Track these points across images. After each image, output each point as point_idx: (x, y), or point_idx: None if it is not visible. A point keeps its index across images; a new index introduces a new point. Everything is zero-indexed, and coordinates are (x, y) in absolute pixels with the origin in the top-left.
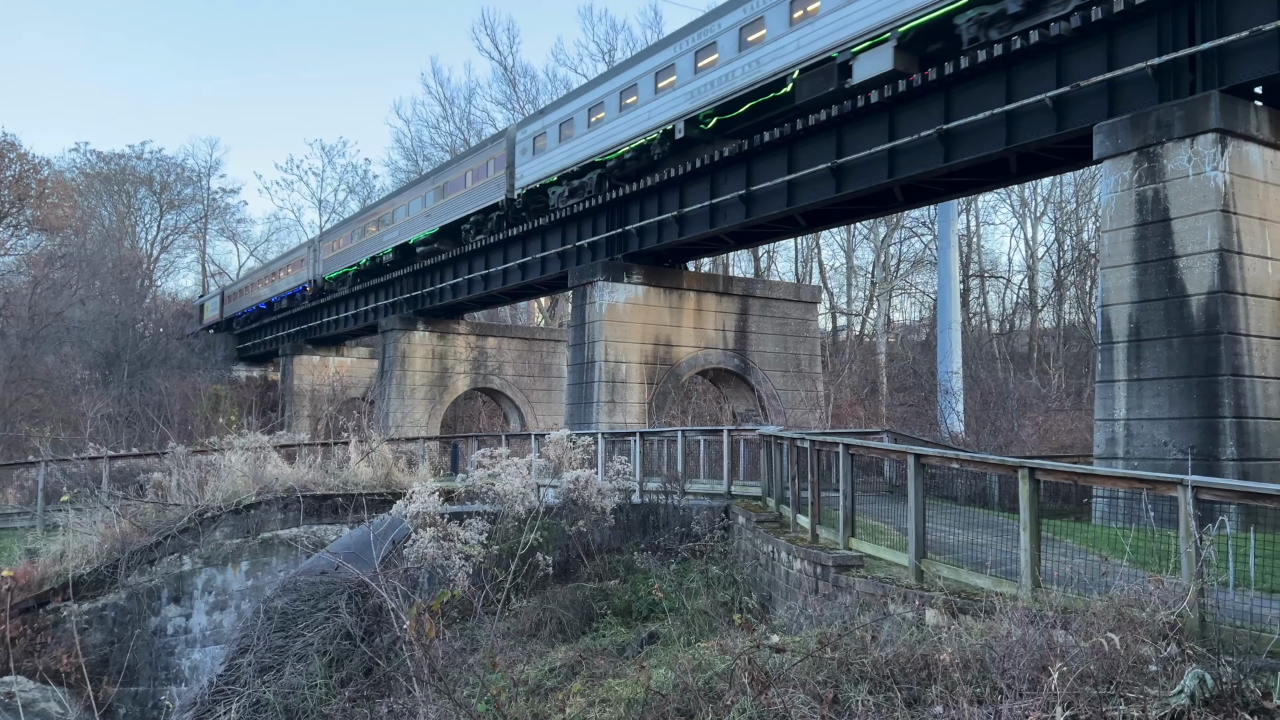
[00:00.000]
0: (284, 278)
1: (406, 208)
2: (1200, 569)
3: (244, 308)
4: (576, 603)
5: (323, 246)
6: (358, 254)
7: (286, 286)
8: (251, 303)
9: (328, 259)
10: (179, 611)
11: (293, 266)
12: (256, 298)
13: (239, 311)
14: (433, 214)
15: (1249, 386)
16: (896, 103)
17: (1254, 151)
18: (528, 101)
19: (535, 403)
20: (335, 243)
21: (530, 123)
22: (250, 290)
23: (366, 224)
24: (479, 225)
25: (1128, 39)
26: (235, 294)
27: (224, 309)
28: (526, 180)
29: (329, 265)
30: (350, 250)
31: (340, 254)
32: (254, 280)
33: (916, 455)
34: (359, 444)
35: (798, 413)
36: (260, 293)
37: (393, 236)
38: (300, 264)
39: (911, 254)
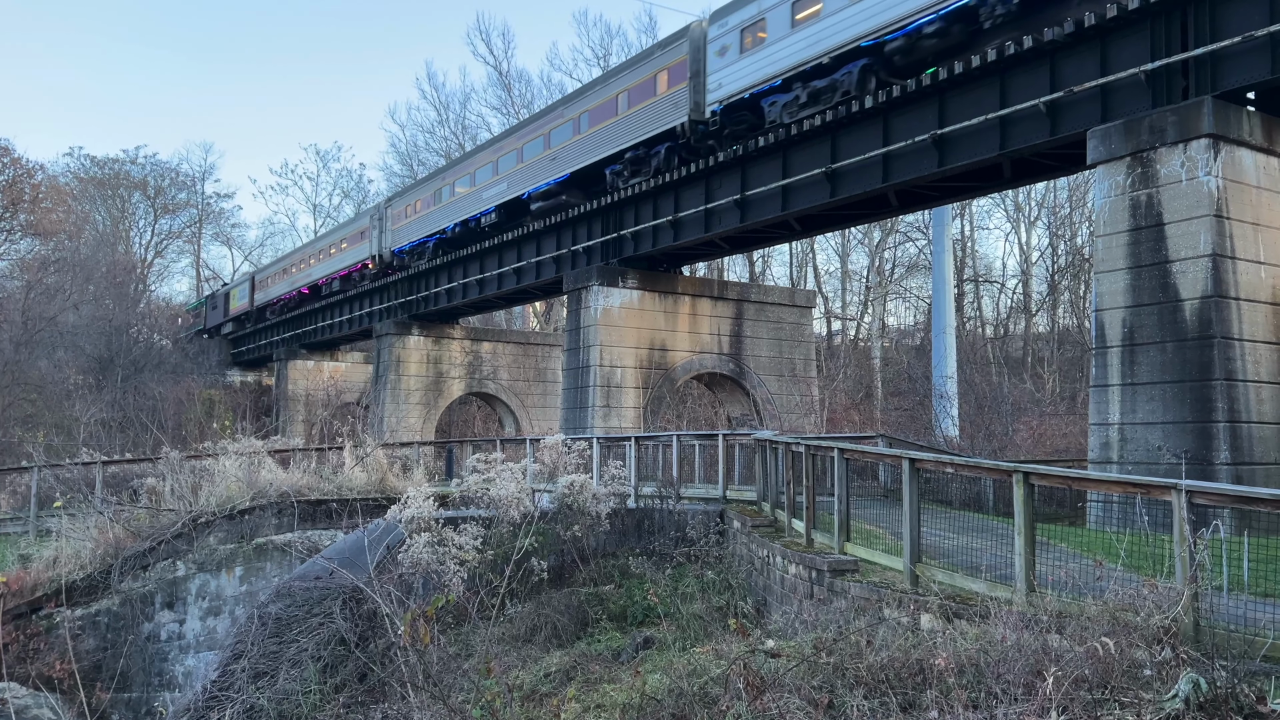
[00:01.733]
0: (336, 255)
1: (519, 153)
2: (1194, 573)
3: (281, 293)
4: (571, 608)
5: (390, 213)
6: (441, 219)
7: (341, 265)
8: (291, 287)
9: (398, 228)
10: (173, 617)
11: (348, 240)
12: (299, 280)
13: (276, 297)
14: (560, 156)
15: (1242, 391)
16: (891, 108)
17: (1247, 157)
18: (523, 106)
19: (530, 407)
20: (409, 207)
21: (737, 8)
22: (290, 273)
23: (454, 181)
24: (637, 164)
25: (1121, 44)
26: (270, 277)
27: (255, 296)
28: (728, 90)
29: (399, 236)
30: (430, 215)
31: (416, 220)
32: (296, 260)
33: (911, 460)
34: (353, 449)
35: (793, 417)
36: (303, 275)
37: (497, 192)
38: (360, 236)
39: (906, 258)
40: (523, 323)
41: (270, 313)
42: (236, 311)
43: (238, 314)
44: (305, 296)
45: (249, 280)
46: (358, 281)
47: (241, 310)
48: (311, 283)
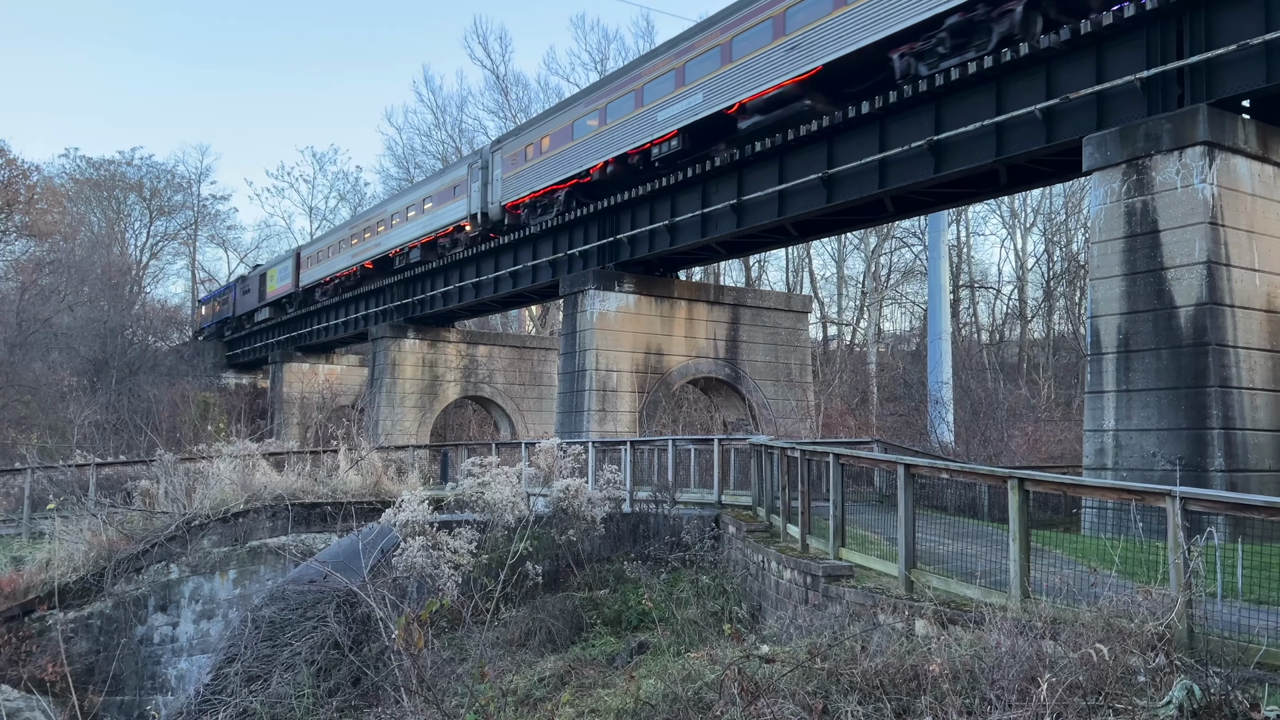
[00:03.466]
0: (416, 218)
1: (724, 50)
2: (1188, 580)
3: (337, 269)
4: (566, 612)
5: (501, 158)
6: (582, 157)
7: (424, 229)
8: (353, 261)
9: (512, 176)
10: (166, 620)
11: (436, 199)
12: (364, 252)
13: (329, 275)
14: (806, 42)
15: (1237, 398)
16: (887, 114)
17: (1242, 164)
18: (520, 110)
19: (526, 411)
20: (530, 148)
21: None
22: (351, 244)
23: (605, 104)
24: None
25: (1116, 52)
26: (321, 252)
27: (300, 275)
28: None
29: (513, 186)
30: (565, 154)
31: (543, 163)
32: (360, 228)
33: (906, 465)
34: (348, 452)
35: (788, 422)
36: (369, 245)
37: (683, 109)
38: (452, 192)
39: (902, 264)
40: (518, 326)
41: (322, 293)
42: (276, 294)
43: (277, 297)
44: (370, 271)
45: (292, 257)
46: (447, 248)
47: (282, 293)
48: (381, 254)
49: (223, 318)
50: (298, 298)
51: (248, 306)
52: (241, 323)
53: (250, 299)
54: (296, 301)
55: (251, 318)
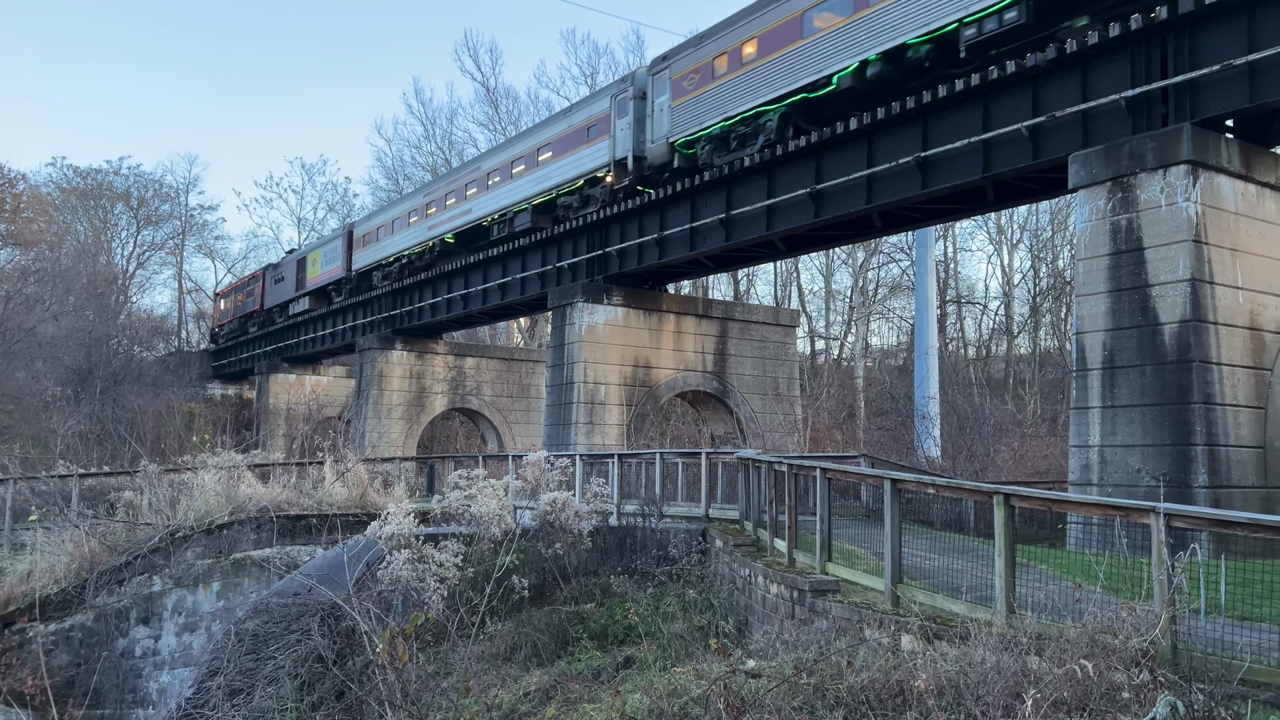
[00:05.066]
0: (524, 175)
1: None
2: (1172, 596)
3: (405, 246)
4: (552, 626)
5: (670, 80)
6: (825, 54)
7: (538, 186)
8: (429, 234)
9: (690, 100)
10: (148, 633)
11: (558, 146)
12: (445, 222)
13: (393, 254)
14: None
15: (1220, 415)
16: (875, 130)
17: (1225, 183)
18: (510, 123)
19: (513, 423)
20: (729, 55)
21: None
22: (425, 214)
23: None
24: None
25: (1101, 71)
26: (384, 227)
27: (353, 256)
28: None
29: (688, 115)
30: (793, 56)
31: (747, 74)
32: (439, 193)
33: (893, 480)
34: (334, 464)
35: (776, 436)
36: (451, 214)
37: None
38: (584, 135)
39: (889, 279)
40: (507, 339)
41: (383, 276)
42: (319, 281)
43: (321, 284)
44: (450, 247)
45: (343, 235)
46: (575, 209)
47: (327, 278)
48: (470, 223)
49: (246, 312)
50: (349, 284)
51: (281, 297)
52: (272, 317)
53: (284, 288)
54: (347, 288)
55: (285, 310)
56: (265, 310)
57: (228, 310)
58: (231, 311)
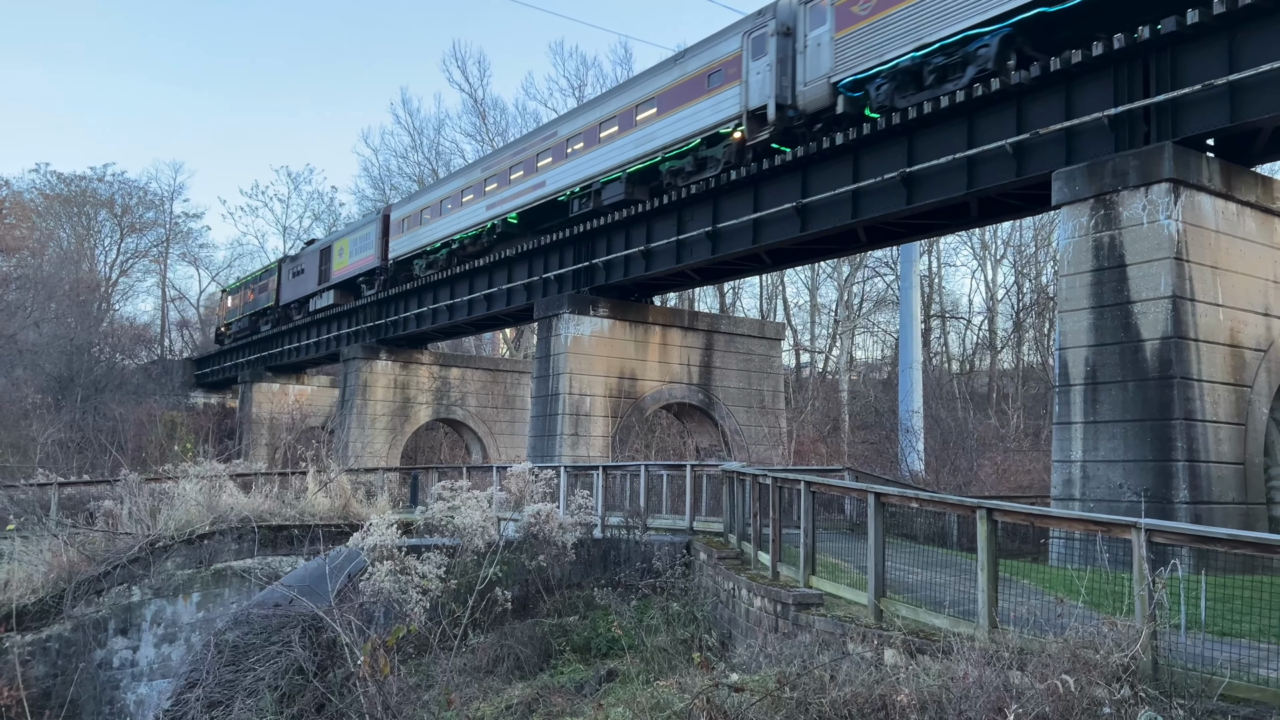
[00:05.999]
0: (621, 135)
1: None
2: (1153, 612)
3: (456, 229)
4: (535, 639)
5: (832, 6)
6: None
7: (646, 147)
8: (491, 213)
9: (862, 29)
10: (126, 644)
11: (665, 100)
12: (512, 197)
13: (439, 239)
14: None
15: (1201, 431)
16: (861, 145)
17: (1206, 201)
18: (497, 134)
19: (498, 434)
20: None
21: None
22: (482, 190)
23: None
24: None
25: (1085, 89)
26: (428, 210)
27: (389, 243)
28: None
29: (862, 44)
30: None
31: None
32: (502, 165)
33: (877, 494)
34: (317, 474)
35: (761, 448)
36: (518, 189)
37: None
38: (707, 82)
39: (874, 293)
40: (492, 349)
41: (426, 265)
42: (347, 272)
43: (350, 276)
44: (512, 228)
45: (377, 220)
46: (688, 174)
47: (358, 269)
48: (543, 198)
49: (259, 308)
50: (384, 274)
51: (301, 291)
52: (289, 313)
53: (304, 282)
54: (382, 279)
55: (305, 306)
56: (281, 306)
57: (236, 307)
58: (241, 308)
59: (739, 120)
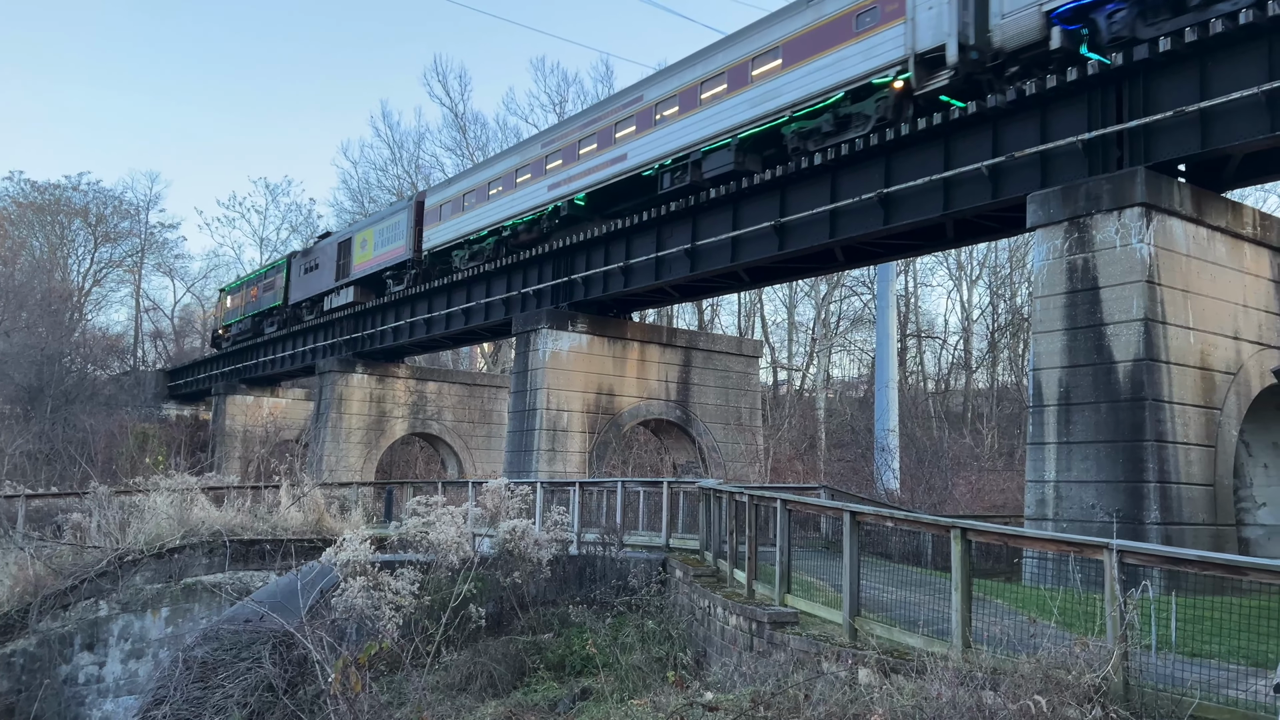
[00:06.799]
0: (726, 95)
1: None
2: (1124, 632)
3: (509, 214)
4: (509, 656)
5: None
6: None
7: (764, 107)
8: (553, 194)
9: None
10: (92, 659)
11: (782, 54)
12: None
13: (487, 226)
14: None
15: (1172, 452)
16: (839, 165)
17: (1177, 226)
18: (477, 149)
19: (474, 449)
20: None
21: None
22: (543, 169)
23: None
24: None
25: (1059, 113)
26: (470, 194)
27: (424, 232)
28: None
29: None
30: None
31: None
32: (568, 139)
33: (852, 513)
34: (290, 488)
35: (737, 465)
36: (597, 163)
37: None
38: (853, 24)
39: (851, 312)
40: (470, 363)
41: (469, 257)
42: (372, 266)
43: (374, 270)
44: (578, 210)
45: (408, 208)
46: (823, 136)
47: (385, 261)
48: (619, 175)
49: (263, 309)
50: (416, 267)
51: (314, 289)
52: (299, 313)
53: (318, 278)
54: (413, 273)
55: (318, 305)
56: (290, 305)
57: (237, 307)
58: (242, 309)
59: (901, 66)
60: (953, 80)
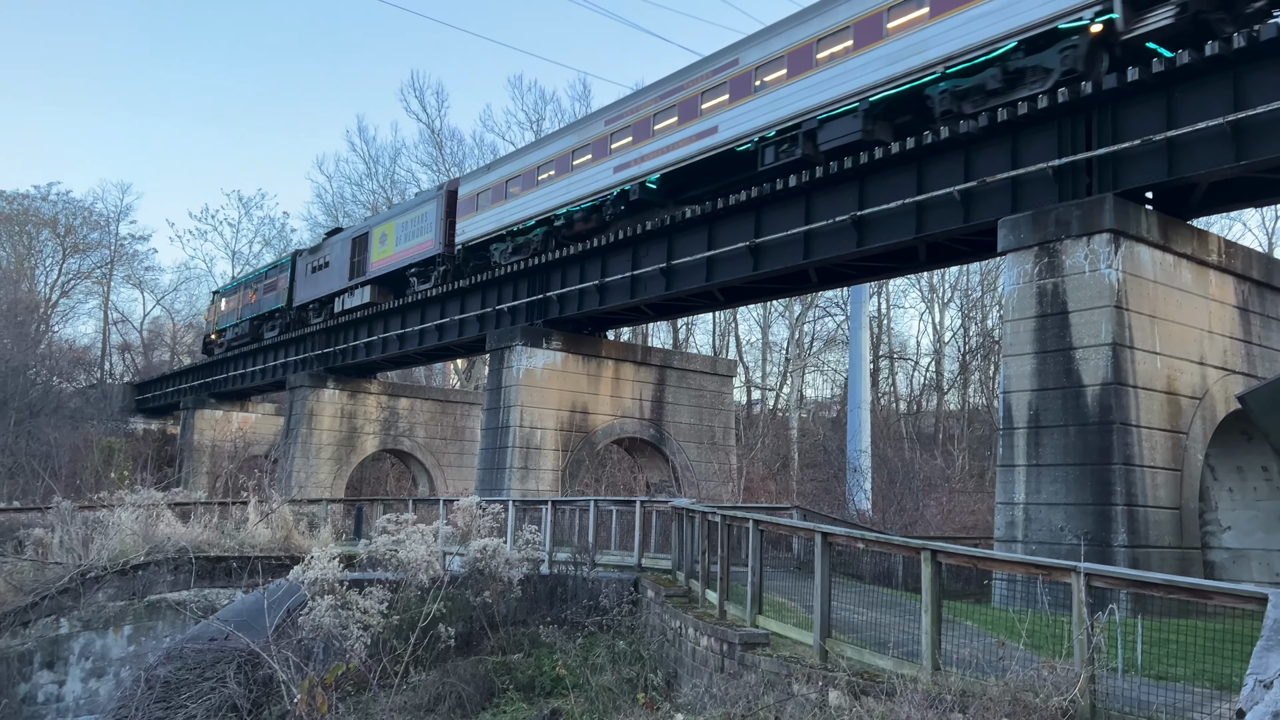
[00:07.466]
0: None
1: None
2: (1091, 655)
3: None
4: (478, 677)
5: None
6: None
7: (898, 68)
8: (617, 177)
9: None
10: (52, 678)
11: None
12: (657, 154)
13: (535, 215)
14: None
15: (1139, 476)
16: (813, 188)
17: (1145, 252)
18: (454, 165)
19: (446, 466)
20: None
21: None
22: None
23: None
24: None
25: (1031, 139)
26: (513, 181)
27: (456, 224)
28: None
29: None
30: None
31: None
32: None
33: (824, 534)
34: (259, 504)
35: (711, 485)
36: (678, 137)
37: None
38: None
39: (825, 333)
40: (443, 380)
41: (511, 250)
42: (393, 262)
43: (398, 266)
44: (649, 194)
45: (437, 198)
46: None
47: (409, 258)
48: (711, 149)
49: (263, 312)
50: (446, 263)
51: (323, 289)
52: (304, 316)
53: (327, 277)
54: (442, 270)
55: (327, 307)
56: (295, 308)
57: (232, 310)
58: (239, 312)
59: (1103, 4)
60: (1178, 19)
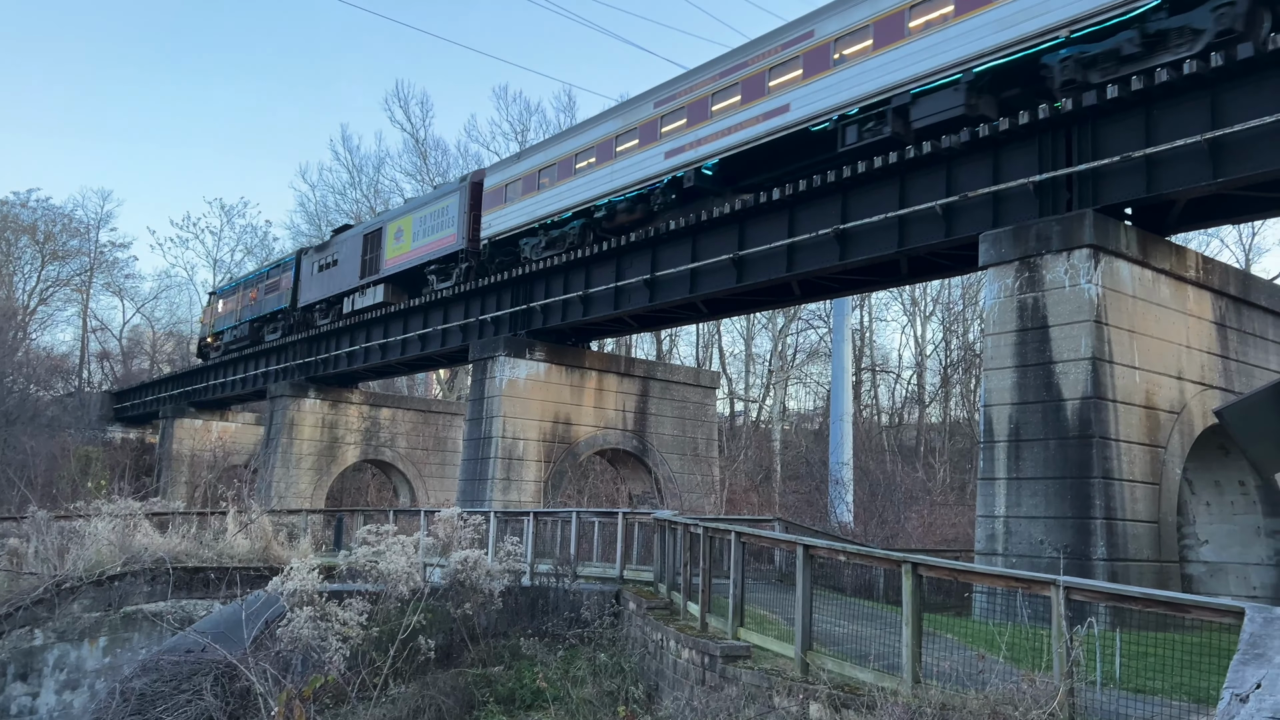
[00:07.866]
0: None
1: None
2: (1070, 668)
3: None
4: (458, 689)
5: None
6: None
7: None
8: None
9: None
10: (25, 690)
11: None
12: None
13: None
14: None
15: (1118, 489)
16: (797, 201)
17: (1124, 268)
18: (438, 174)
19: (428, 477)
20: None
21: None
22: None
23: None
24: None
25: (1012, 155)
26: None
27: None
28: None
29: None
30: None
31: None
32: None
33: (805, 546)
34: (238, 514)
35: (693, 496)
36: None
37: None
38: None
39: (807, 345)
40: (426, 389)
41: (545, 245)
42: (410, 259)
43: (415, 263)
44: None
45: (460, 190)
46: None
47: (429, 254)
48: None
49: (264, 313)
50: (472, 259)
51: (331, 289)
52: (309, 317)
53: (336, 276)
54: (466, 267)
55: (335, 307)
56: (300, 308)
57: (231, 312)
58: (238, 313)
59: None
60: None
